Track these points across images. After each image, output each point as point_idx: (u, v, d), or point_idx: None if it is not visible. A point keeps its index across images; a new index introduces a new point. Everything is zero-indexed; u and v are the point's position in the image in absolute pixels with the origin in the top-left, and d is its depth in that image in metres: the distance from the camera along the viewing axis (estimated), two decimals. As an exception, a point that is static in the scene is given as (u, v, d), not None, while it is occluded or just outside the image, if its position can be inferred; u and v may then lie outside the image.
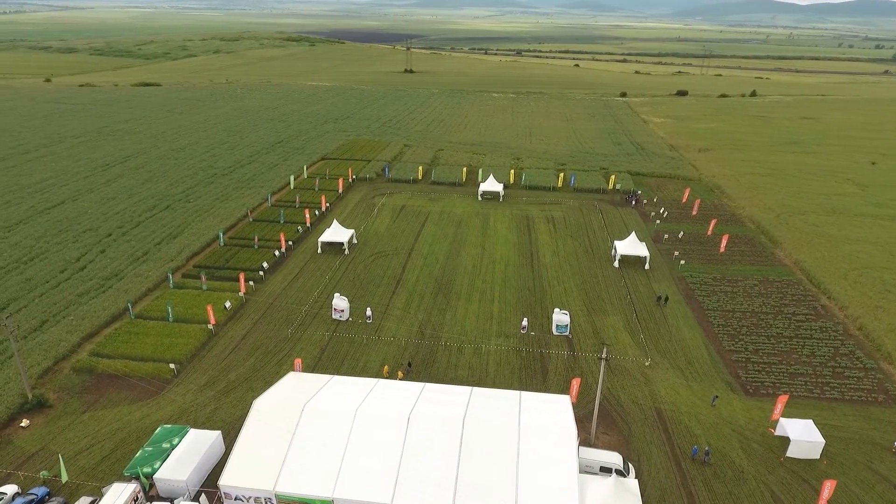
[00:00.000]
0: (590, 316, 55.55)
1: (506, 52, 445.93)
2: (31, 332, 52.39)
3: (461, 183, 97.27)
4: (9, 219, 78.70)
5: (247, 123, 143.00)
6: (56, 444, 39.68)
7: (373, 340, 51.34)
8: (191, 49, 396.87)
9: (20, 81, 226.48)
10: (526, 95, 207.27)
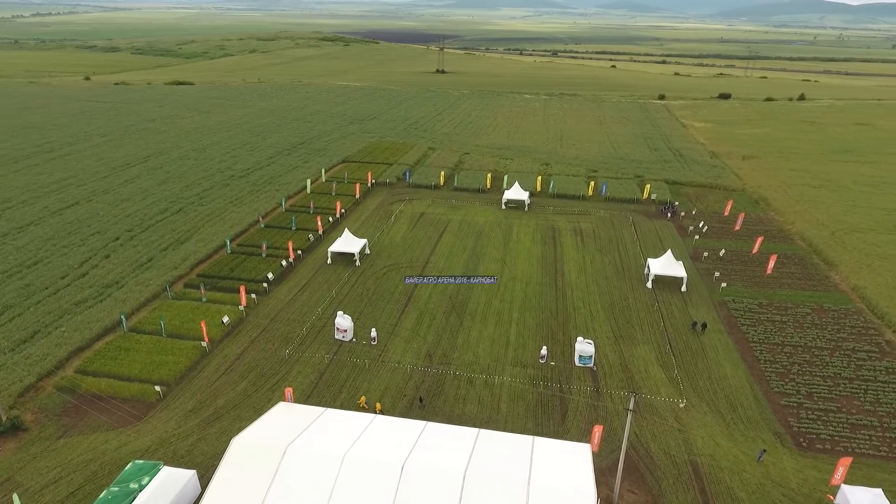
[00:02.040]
0: (617, 345, 49.91)
1: (541, 53, 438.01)
2: (21, 343, 49.73)
3: (485, 189, 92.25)
4: (21, 220, 77.32)
5: (271, 124, 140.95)
6: (23, 474, 36.43)
7: (376, 366, 46.91)
8: (228, 48, 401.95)
9: (60, 80, 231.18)
10: (559, 97, 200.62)
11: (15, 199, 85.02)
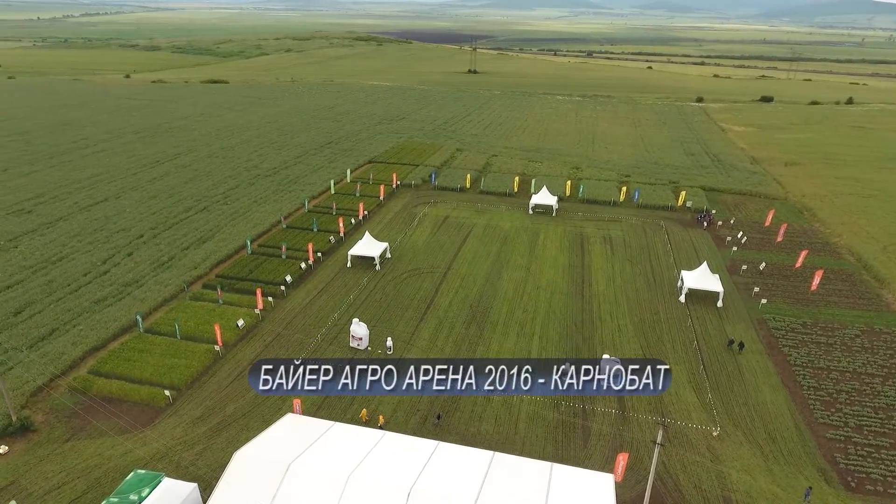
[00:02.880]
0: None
1: (575, 54, 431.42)
2: (39, 340, 49.60)
3: (512, 193, 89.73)
4: (51, 215, 78.30)
5: (300, 123, 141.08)
6: (28, 478, 35.81)
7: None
8: (264, 48, 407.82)
9: (102, 77, 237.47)
10: (592, 99, 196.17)
11: (48, 195, 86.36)
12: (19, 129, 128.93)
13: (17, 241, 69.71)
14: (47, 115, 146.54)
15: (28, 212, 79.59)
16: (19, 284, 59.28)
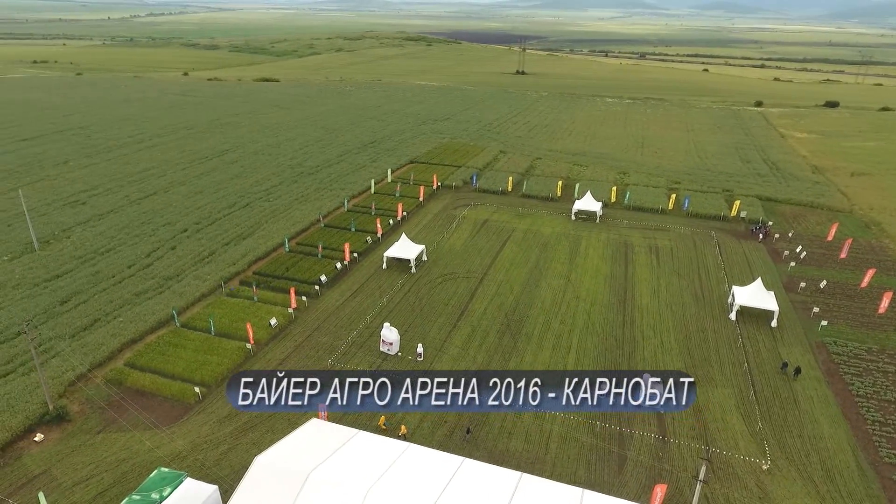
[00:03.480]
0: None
1: (627, 56, 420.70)
2: (81, 330, 50.85)
3: (554, 198, 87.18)
4: (102, 207, 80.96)
5: (346, 122, 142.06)
6: (59, 468, 36.38)
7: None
8: (316, 47, 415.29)
9: (162, 74, 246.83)
10: (643, 101, 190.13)
11: (101, 187, 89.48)
12: (81, 124, 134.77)
13: (69, 232, 72.25)
14: (108, 110, 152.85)
15: (82, 203, 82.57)
16: (68, 274, 61.23)
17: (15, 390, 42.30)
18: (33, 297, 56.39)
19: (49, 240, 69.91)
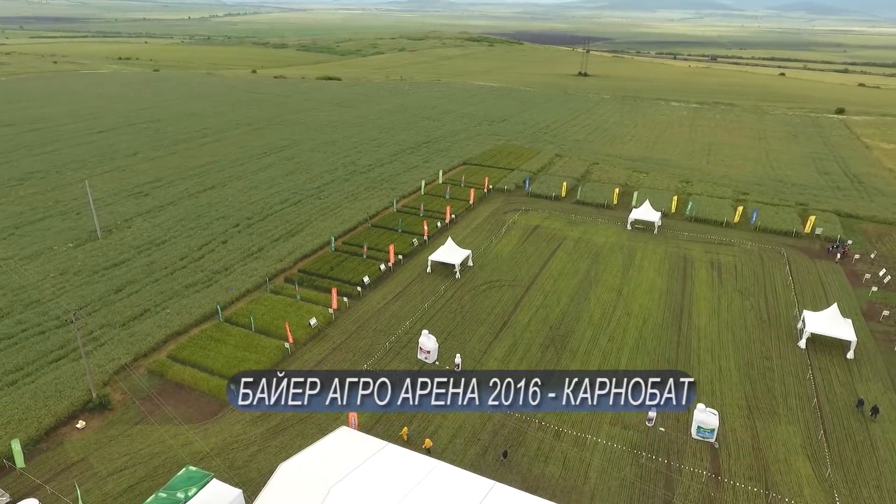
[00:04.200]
0: (750, 418, 40.32)
1: (697, 58, 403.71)
2: (131, 320, 52.22)
3: (610, 205, 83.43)
4: (163, 199, 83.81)
5: (401, 121, 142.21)
6: (97, 456, 37.01)
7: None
8: (380, 47, 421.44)
9: (231, 72, 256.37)
10: (712, 106, 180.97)
11: (164, 180, 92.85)
12: (153, 118, 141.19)
13: (130, 222, 75.03)
14: (178, 105, 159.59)
15: (145, 195, 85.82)
16: (125, 263, 63.35)
17: (64, 375, 43.66)
18: (91, 283, 58.54)
19: (112, 229, 72.79)
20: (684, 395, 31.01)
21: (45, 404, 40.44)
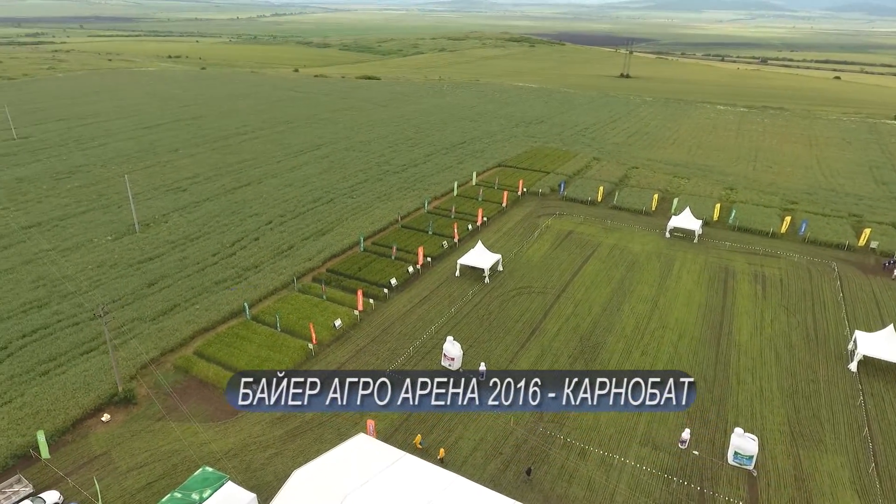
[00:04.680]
0: (793, 445, 37.66)
1: (746, 60, 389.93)
2: (161, 314, 52.85)
3: (649, 212, 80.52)
4: (200, 195, 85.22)
5: (437, 121, 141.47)
6: (118, 451, 37.28)
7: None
8: (420, 47, 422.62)
9: (275, 70, 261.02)
10: (760, 110, 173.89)
11: (202, 176, 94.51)
12: (195, 115, 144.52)
13: (167, 217, 76.43)
14: (221, 102, 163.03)
15: (183, 190, 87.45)
16: (159, 258, 64.40)
17: (93, 368, 44.31)
18: (126, 276, 59.67)
19: (149, 223, 74.28)
20: (684, 395, 32.66)
21: (74, 396, 41.08)
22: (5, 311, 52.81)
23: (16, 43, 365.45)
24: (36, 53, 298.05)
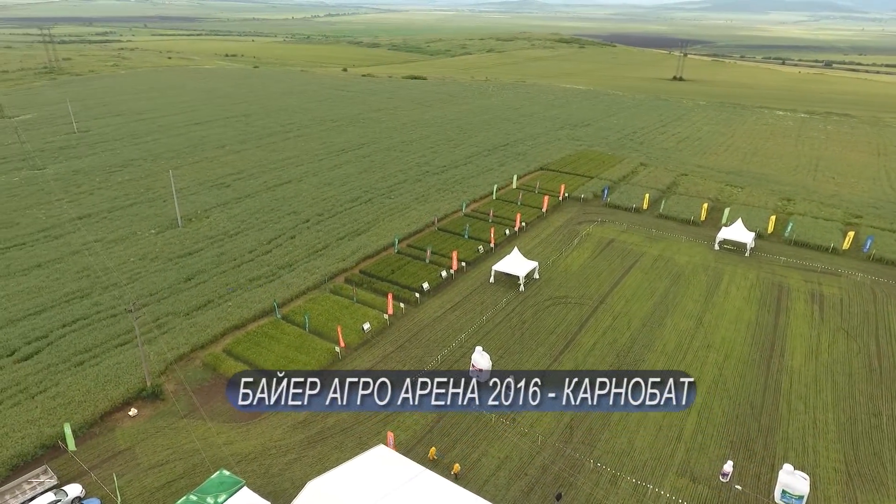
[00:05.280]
0: (850, 487, 34.29)
1: (809, 64, 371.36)
2: (195, 310, 53.35)
3: (697, 222, 76.58)
4: (242, 191, 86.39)
5: (480, 122, 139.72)
6: (142, 447, 37.45)
7: (503, 424, 39.18)
8: (469, 47, 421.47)
9: (324, 69, 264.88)
10: (823, 117, 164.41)
11: (246, 172, 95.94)
12: (244, 112, 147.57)
13: (209, 213, 77.68)
14: (269, 100, 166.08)
15: (227, 186, 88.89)
16: (198, 253, 65.31)
17: (125, 361, 44.92)
18: (165, 270, 60.69)
19: (191, 218, 75.64)
20: (684, 395, 34.13)
21: (104, 388, 41.65)
22: (50, 300, 54.46)
23: (86, 41, 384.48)
24: (103, 51, 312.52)
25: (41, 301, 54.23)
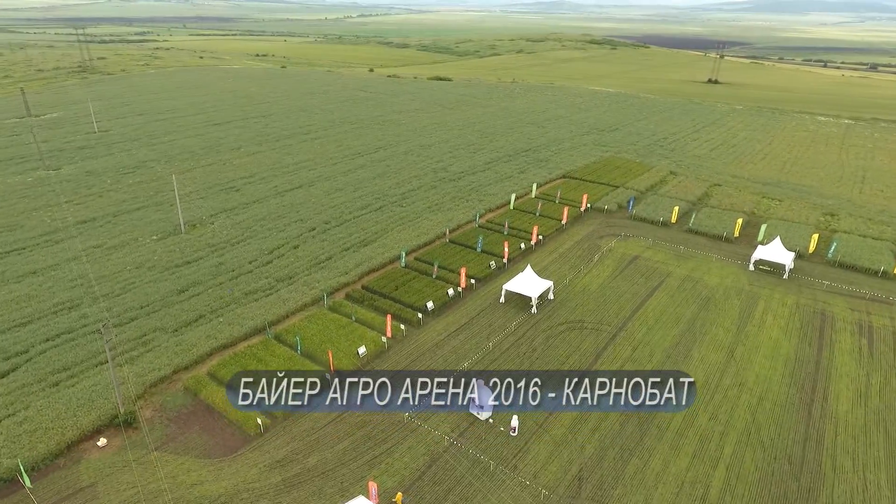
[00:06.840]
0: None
1: (853, 66, 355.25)
2: (184, 325, 50.38)
3: (730, 239, 70.73)
4: (252, 196, 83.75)
5: (504, 126, 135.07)
6: (105, 484, 34.33)
7: (503, 472, 34.85)
8: (497, 48, 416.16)
9: (350, 70, 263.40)
10: (869, 123, 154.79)
11: (257, 176, 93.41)
12: (264, 112, 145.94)
13: (215, 218, 75.13)
14: (291, 101, 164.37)
15: (236, 190, 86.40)
16: (196, 262, 62.56)
17: (102, 382, 41.99)
18: (160, 281, 58.00)
19: (196, 224, 73.17)
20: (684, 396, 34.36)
21: (75, 414, 38.73)
22: (38, 310, 52.22)
23: (125, 41, 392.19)
24: (138, 51, 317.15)
25: (29, 311, 51.98)
